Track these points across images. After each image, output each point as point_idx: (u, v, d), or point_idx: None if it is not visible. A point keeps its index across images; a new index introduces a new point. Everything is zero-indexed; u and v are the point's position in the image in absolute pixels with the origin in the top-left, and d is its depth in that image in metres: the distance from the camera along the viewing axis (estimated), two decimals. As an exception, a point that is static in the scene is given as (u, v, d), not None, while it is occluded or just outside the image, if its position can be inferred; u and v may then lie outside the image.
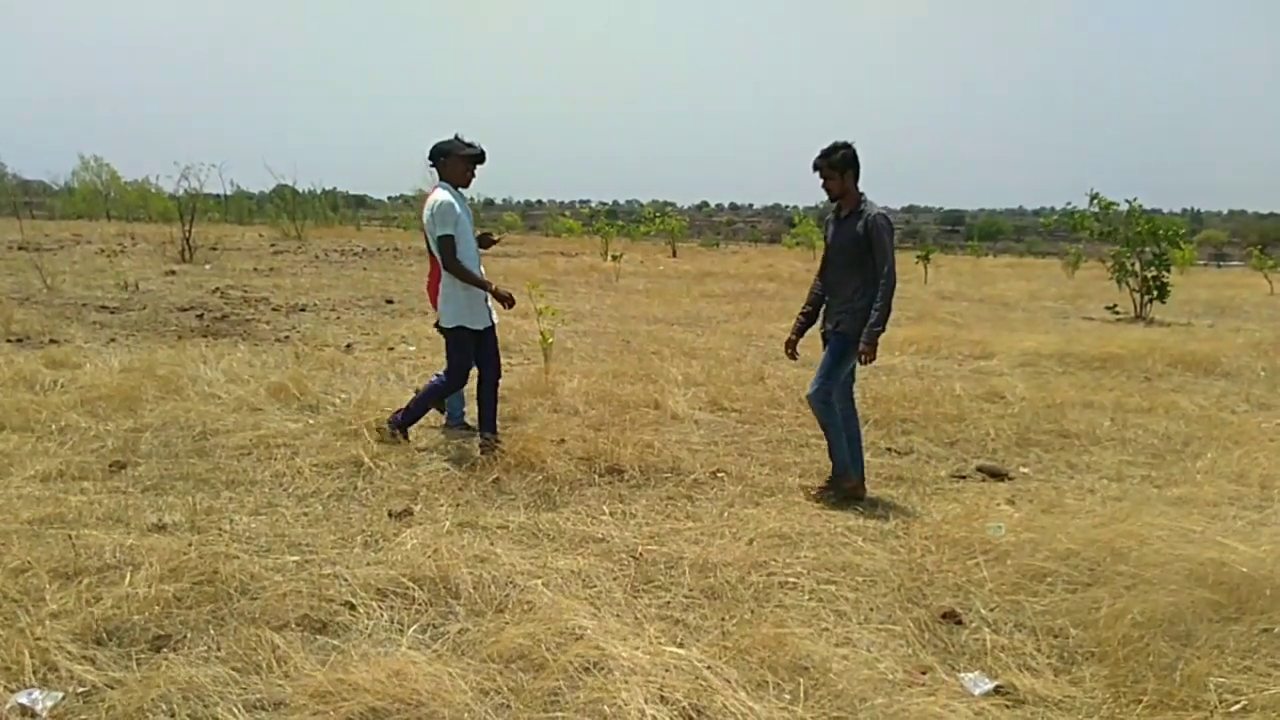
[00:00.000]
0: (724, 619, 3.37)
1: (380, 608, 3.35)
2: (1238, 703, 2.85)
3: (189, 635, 3.11)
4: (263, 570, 3.60)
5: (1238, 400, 7.62)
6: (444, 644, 3.09)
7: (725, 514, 4.53)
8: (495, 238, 5.88)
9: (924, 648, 3.23)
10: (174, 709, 2.65)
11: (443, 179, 5.32)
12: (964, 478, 5.36)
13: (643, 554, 3.94)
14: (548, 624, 3.11)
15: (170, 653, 2.99)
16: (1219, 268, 35.53)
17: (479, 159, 5.34)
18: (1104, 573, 3.76)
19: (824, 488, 4.90)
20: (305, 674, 2.81)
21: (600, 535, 4.17)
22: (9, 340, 8.46)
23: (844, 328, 4.76)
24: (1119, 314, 14.00)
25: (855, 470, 4.91)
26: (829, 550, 4.07)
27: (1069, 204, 15.32)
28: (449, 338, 5.38)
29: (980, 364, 9.12)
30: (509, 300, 5.26)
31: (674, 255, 27.45)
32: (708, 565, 3.81)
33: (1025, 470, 5.54)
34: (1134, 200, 14.38)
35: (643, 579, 3.72)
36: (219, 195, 33.80)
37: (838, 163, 4.65)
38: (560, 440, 5.52)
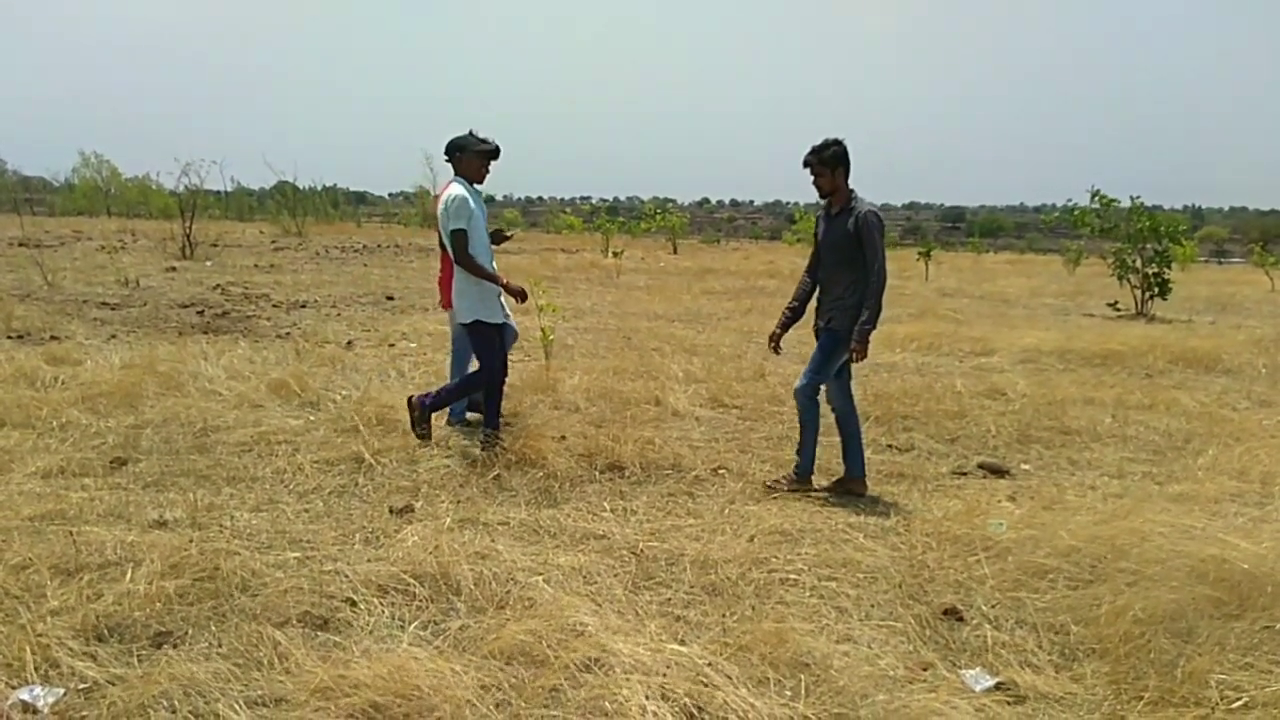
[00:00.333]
0: (725, 616, 3.37)
1: (381, 604, 3.34)
2: (1239, 699, 2.84)
3: (190, 632, 3.12)
4: (264, 567, 3.60)
5: (1239, 397, 7.61)
6: (445, 640, 3.09)
7: (726, 511, 4.53)
8: (508, 234, 5.86)
9: (925, 644, 3.23)
10: (175, 705, 2.66)
11: (458, 174, 5.32)
12: (965, 474, 5.36)
13: (643, 550, 3.94)
14: (549, 620, 3.11)
15: (171, 649, 2.99)
16: (1220, 264, 35.51)
17: (494, 155, 5.36)
18: (1105, 569, 3.76)
19: (787, 481, 4.88)
20: (306, 670, 2.81)
21: (601, 532, 4.17)
22: (10, 337, 8.46)
23: (835, 324, 4.76)
24: (1120, 311, 13.98)
25: (856, 467, 4.91)
26: (830, 547, 4.06)
27: (1070, 201, 15.32)
28: (470, 334, 5.36)
29: (981, 361, 9.11)
30: (521, 294, 5.26)
31: (675, 252, 27.43)
32: (709, 562, 3.81)
33: (1026, 467, 5.54)
34: (1136, 198, 14.37)
35: (644, 575, 3.72)
36: (219, 192, 33.86)
37: (828, 159, 4.66)
38: (561, 437, 5.51)
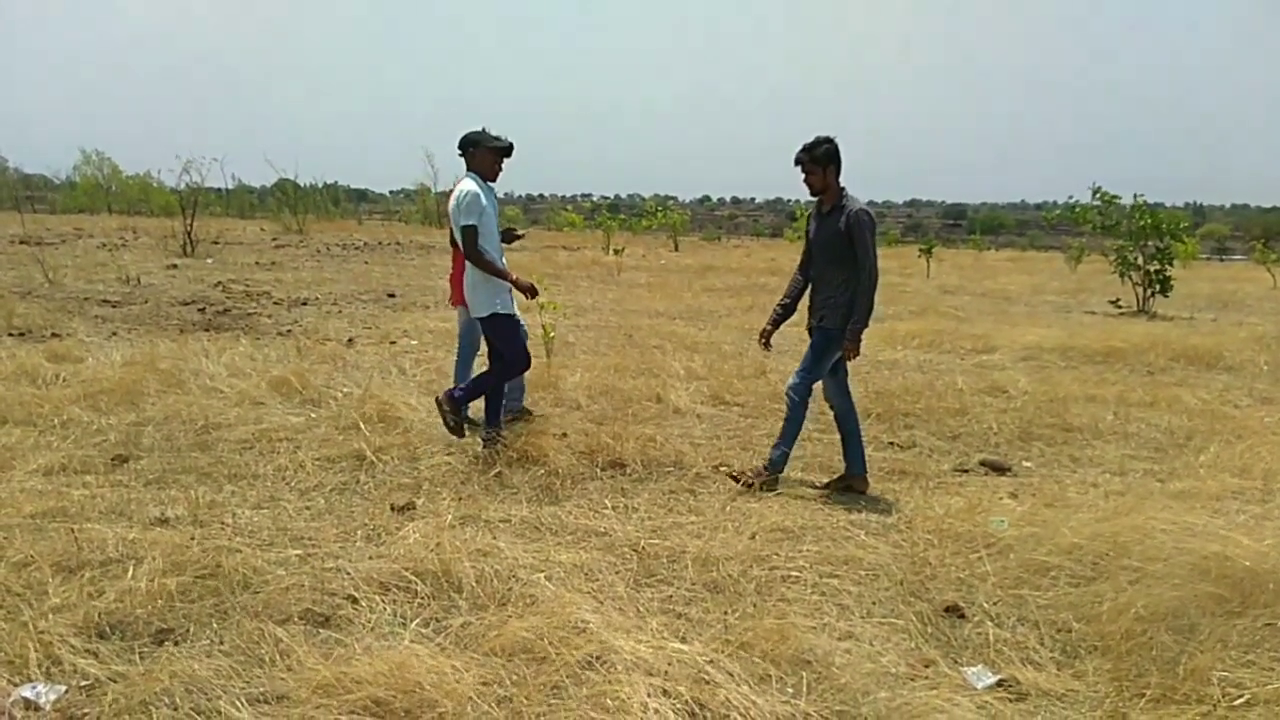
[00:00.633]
0: (726, 613, 3.37)
1: (383, 601, 3.35)
2: (1241, 697, 2.84)
3: (191, 629, 3.12)
4: (265, 564, 3.61)
5: (1240, 394, 7.60)
6: (446, 637, 3.09)
7: (727, 508, 4.53)
8: (519, 233, 5.84)
9: (927, 641, 3.22)
10: (177, 702, 2.66)
11: (470, 169, 5.31)
12: (966, 472, 5.35)
13: (645, 548, 3.94)
14: (550, 618, 3.10)
15: (173, 646, 2.99)
16: (1222, 261, 35.46)
17: (507, 152, 5.34)
18: (1107, 567, 3.76)
19: (752, 474, 4.86)
20: (308, 667, 2.81)
21: (602, 529, 4.17)
22: (11, 334, 8.47)
23: (827, 323, 4.77)
24: (1121, 308, 13.97)
25: (857, 464, 4.91)
26: (831, 544, 4.06)
27: (1071, 198, 15.29)
28: (489, 329, 5.33)
29: (982, 358, 9.11)
30: (531, 290, 5.25)
31: (676, 249, 27.40)
32: (710, 559, 3.81)
33: (1028, 464, 5.54)
34: (1139, 196, 14.34)
35: (645, 573, 3.72)
36: (220, 189, 33.83)
37: (820, 157, 4.65)
38: (562, 434, 5.52)
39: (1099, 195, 14.51)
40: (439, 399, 5.26)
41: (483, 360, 5.82)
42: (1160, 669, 2.98)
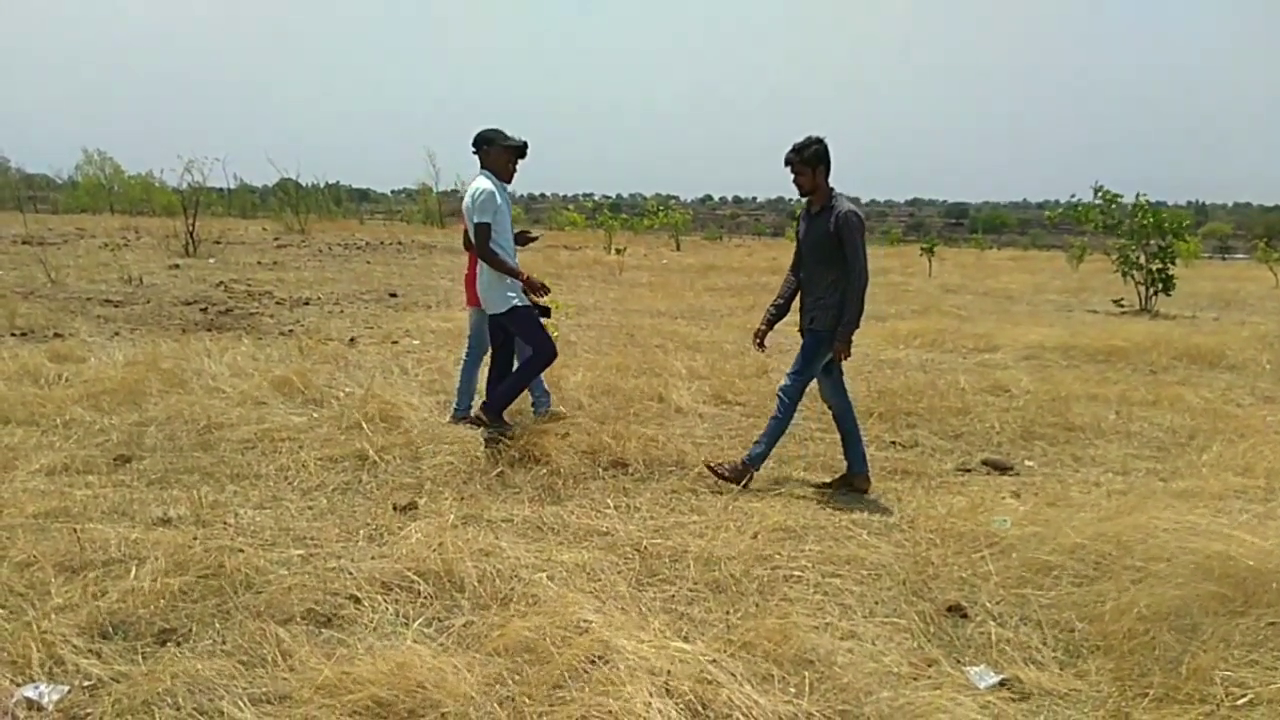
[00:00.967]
0: (729, 612, 3.37)
1: (385, 601, 3.35)
2: (1244, 696, 2.84)
3: (194, 629, 3.12)
4: (268, 564, 3.61)
5: (1243, 393, 7.59)
6: (449, 637, 3.09)
7: (729, 507, 4.53)
8: (534, 236, 5.82)
9: (929, 641, 3.22)
10: (179, 702, 2.66)
11: (484, 167, 5.30)
12: (969, 471, 5.35)
13: (647, 547, 3.93)
14: (552, 617, 3.10)
15: (175, 646, 3.00)
16: (1224, 260, 35.42)
17: (521, 151, 5.34)
18: (1110, 566, 3.75)
19: (728, 468, 4.85)
20: (310, 667, 2.81)
21: (605, 529, 4.17)
22: (13, 334, 8.48)
23: (817, 325, 4.78)
24: (1124, 307, 13.95)
25: (857, 463, 4.91)
26: (833, 544, 4.06)
27: (1073, 197, 15.28)
28: (510, 323, 5.33)
29: (985, 357, 9.10)
30: (542, 288, 5.25)
31: (677, 249, 27.41)
32: (712, 559, 3.81)
33: (1030, 464, 5.53)
34: (1141, 195, 14.32)
35: (647, 572, 3.72)
36: (222, 189, 33.85)
37: (810, 158, 4.65)
38: (564, 434, 5.51)
39: (1101, 194, 14.49)
40: (478, 417, 5.29)
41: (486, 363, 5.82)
42: (1163, 668, 2.98)
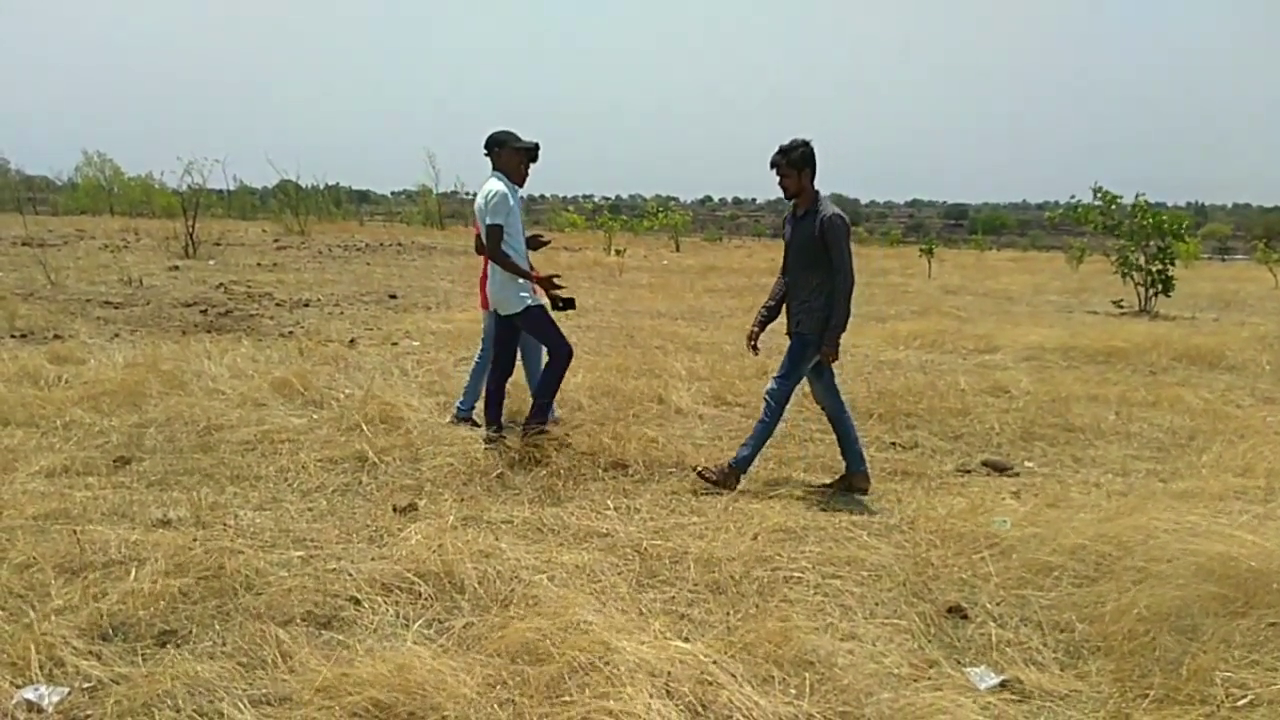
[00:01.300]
0: (729, 614, 3.36)
1: (385, 603, 3.34)
2: (1244, 697, 2.83)
3: (194, 630, 3.12)
4: (268, 565, 3.61)
5: (1243, 394, 7.59)
6: (449, 639, 3.09)
7: (729, 509, 4.53)
8: (545, 239, 5.82)
9: (930, 642, 3.22)
10: (179, 704, 2.65)
11: (496, 169, 5.30)
12: (969, 472, 5.35)
13: (647, 549, 3.93)
14: (553, 618, 3.10)
15: (175, 648, 2.99)
16: (1224, 261, 35.44)
17: (533, 154, 5.33)
18: (1110, 567, 3.75)
19: (716, 471, 4.83)
20: (310, 669, 2.81)
21: (605, 530, 4.16)
22: (13, 336, 8.48)
23: (803, 328, 4.79)
24: (1123, 308, 13.96)
25: (856, 462, 4.91)
26: (834, 545, 4.06)
27: (1073, 198, 15.30)
28: (524, 323, 5.33)
29: (985, 358, 9.10)
30: (551, 284, 5.26)
31: (677, 250, 27.42)
32: (712, 560, 3.81)
33: (1030, 464, 5.53)
34: (1141, 196, 14.33)
35: (647, 574, 3.71)
36: (222, 190, 33.89)
37: (796, 160, 4.66)
38: (564, 435, 5.51)
39: (1101, 195, 14.50)
40: (525, 428, 5.25)
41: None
42: (1163, 669, 2.98)
